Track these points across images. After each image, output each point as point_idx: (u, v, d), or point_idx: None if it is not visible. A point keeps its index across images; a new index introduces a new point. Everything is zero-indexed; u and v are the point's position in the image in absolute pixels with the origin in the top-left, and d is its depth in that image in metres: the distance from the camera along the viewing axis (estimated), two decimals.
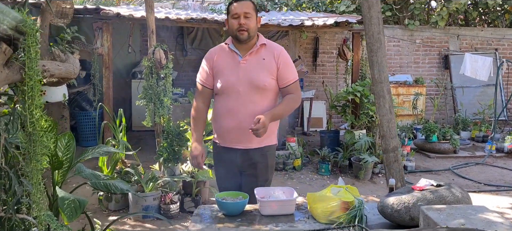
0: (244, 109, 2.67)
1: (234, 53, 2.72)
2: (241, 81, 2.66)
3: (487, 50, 10.12)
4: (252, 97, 2.67)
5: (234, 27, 2.65)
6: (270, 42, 2.80)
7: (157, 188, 4.48)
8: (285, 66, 2.73)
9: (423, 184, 2.40)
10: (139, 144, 7.89)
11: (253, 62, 2.69)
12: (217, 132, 2.85)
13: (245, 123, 2.64)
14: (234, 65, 2.70)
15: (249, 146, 2.74)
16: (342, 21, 6.63)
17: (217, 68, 2.74)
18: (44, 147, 1.88)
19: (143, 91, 4.76)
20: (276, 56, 2.71)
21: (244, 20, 2.62)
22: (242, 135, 2.69)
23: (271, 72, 2.70)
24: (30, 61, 1.73)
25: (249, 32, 2.64)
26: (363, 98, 6.56)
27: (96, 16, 6.25)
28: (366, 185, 5.79)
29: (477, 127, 8.86)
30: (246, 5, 2.66)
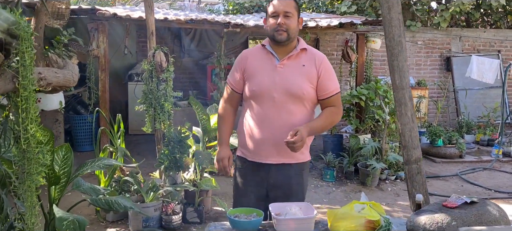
0: (279, 118, 2.40)
1: (270, 55, 2.46)
2: (277, 87, 2.39)
3: (490, 51, 9.97)
4: (288, 106, 2.39)
5: (272, 26, 2.39)
6: (311, 48, 2.53)
7: (158, 198, 4.26)
8: (327, 75, 2.46)
9: (455, 200, 2.20)
10: (137, 149, 7.68)
11: (292, 67, 2.42)
12: (245, 145, 2.53)
13: (279, 134, 2.37)
14: (270, 69, 2.43)
15: (284, 161, 2.45)
16: (347, 22, 6.43)
17: (250, 71, 2.48)
18: (40, 165, 1.66)
19: (142, 96, 4.54)
20: (318, 64, 2.44)
21: (283, 20, 2.36)
22: (275, 148, 2.42)
23: (310, 80, 2.42)
24: (24, 69, 1.51)
25: (288, 33, 2.37)
26: (368, 101, 6.37)
27: (92, 17, 6.01)
28: (373, 192, 5.59)
29: (481, 130, 8.70)
30: (288, 3, 2.39)
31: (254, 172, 2.49)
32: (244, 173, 2.55)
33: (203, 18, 6.31)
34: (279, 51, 2.44)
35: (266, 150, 2.44)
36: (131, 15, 6.08)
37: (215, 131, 4.53)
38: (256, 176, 2.49)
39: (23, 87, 1.51)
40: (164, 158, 4.42)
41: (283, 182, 2.47)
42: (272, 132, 2.40)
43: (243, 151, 2.55)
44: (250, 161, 2.51)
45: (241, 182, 2.58)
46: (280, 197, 2.41)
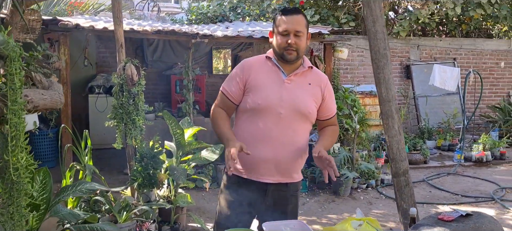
0: (283, 136, 2.29)
1: (277, 69, 2.34)
2: (284, 103, 2.29)
3: (446, 59, 10.34)
4: (293, 124, 2.31)
5: (281, 45, 2.28)
6: (315, 68, 2.46)
7: (132, 218, 4.07)
8: (331, 97, 2.44)
9: (450, 213, 2.20)
10: (100, 164, 7.37)
11: (299, 84, 2.34)
12: (242, 162, 2.34)
13: (282, 152, 2.29)
14: (277, 83, 2.32)
15: (282, 180, 2.36)
16: (315, 33, 6.47)
17: (255, 82, 2.33)
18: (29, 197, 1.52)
19: (112, 111, 4.35)
20: (323, 86, 2.40)
21: (294, 39, 2.25)
22: (276, 167, 2.32)
23: (316, 100, 2.37)
24: (14, 93, 1.37)
25: (298, 53, 2.29)
26: (337, 111, 6.41)
27: (54, 28, 5.74)
28: (347, 202, 5.62)
29: (442, 135, 8.98)
30: (299, 22, 2.27)
31: (249, 191, 2.36)
32: (237, 192, 2.39)
33: (171, 29, 6.16)
34: (286, 67, 2.35)
35: (266, 167, 2.33)
36: (95, 25, 5.85)
37: (190, 145, 4.40)
38: (251, 195, 2.36)
39: (12, 112, 1.36)
40: (137, 175, 4.24)
41: (281, 203, 2.38)
42: (275, 150, 2.29)
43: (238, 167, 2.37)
44: (244, 178, 2.37)
45: (232, 200, 2.41)
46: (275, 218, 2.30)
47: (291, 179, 2.39)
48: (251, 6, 9.94)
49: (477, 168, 7.35)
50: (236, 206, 2.40)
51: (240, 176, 2.38)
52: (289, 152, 2.30)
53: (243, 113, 2.38)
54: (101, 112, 8.34)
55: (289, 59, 2.29)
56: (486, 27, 11.46)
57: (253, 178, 2.35)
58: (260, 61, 2.39)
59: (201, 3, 10.30)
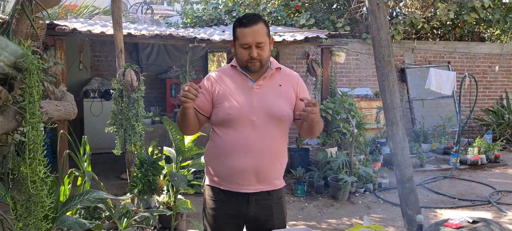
0: (260, 144, 2.21)
1: (244, 77, 2.27)
2: (256, 110, 2.22)
3: (440, 63, 10.42)
4: (269, 130, 2.23)
5: (243, 58, 2.21)
6: (284, 67, 2.39)
7: (132, 225, 4.05)
8: (305, 93, 2.35)
9: (457, 221, 2.22)
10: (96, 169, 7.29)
11: (268, 87, 2.27)
12: (221, 174, 2.30)
13: (260, 160, 2.22)
14: (245, 90, 2.25)
15: (263, 188, 2.27)
16: (312, 37, 6.48)
17: (223, 92, 2.26)
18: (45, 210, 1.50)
19: (112, 117, 4.32)
20: (295, 84, 2.32)
21: (256, 51, 2.17)
22: (255, 176, 2.23)
23: (289, 101, 2.29)
24: (32, 106, 1.35)
25: (261, 62, 2.22)
26: (335, 115, 6.44)
27: (50, 32, 5.68)
28: (345, 206, 5.63)
29: (437, 139, 9.04)
30: (259, 33, 2.17)
31: (230, 202, 2.29)
32: (218, 204, 2.33)
33: (169, 33, 6.14)
34: (253, 74, 2.27)
35: (246, 178, 2.24)
36: (92, 30, 5.82)
37: (190, 151, 4.39)
38: (233, 207, 2.29)
39: (31, 125, 1.35)
40: (137, 181, 4.22)
41: (265, 214, 2.30)
42: (253, 159, 2.21)
43: (216, 180, 2.33)
44: (224, 190, 2.30)
45: (215, 214, 2.34)
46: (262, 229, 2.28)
47: (273, 186, 2.32)
48: (246, 10, 9.94)
49: (473, 171, 7.41)
50: (220, 220, 2.34)
51: (219, 188, 2.31)
52: (268, 159, 2.24)
53: (216, 126, 2.32)
54: (96, 116, 8.30)
55: (253, 70, 2.24)
56: (479, 31, 11.58)
57: (232, 189, 2.27)
58: (226, 71, 2.34)
59: (196, 6, 10.29)
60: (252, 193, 2.27)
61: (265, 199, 2.31)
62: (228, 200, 2.30)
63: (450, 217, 2.29)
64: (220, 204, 2.33)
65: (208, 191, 2.39)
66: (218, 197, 2.34)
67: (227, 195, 2.29)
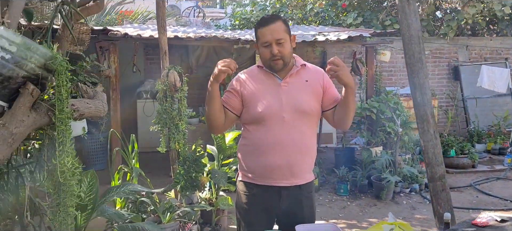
0: (291, 139, 2.30)
1: (271, 75, 2.35)
2: (285, 107, 2.29)
3: (497, 59, 9.95)
4: (298, 125, 2.31)
5: (266, 57, 2.29)
6: (308, 63, 2.46)
7: (175, 219, 4.24)
8: (331, 86, 2.41)
9: (485, 219, 2.19)
10: (147, 167, 7.65)
11: (296, 84, 2.34)
12: (254, 170, 2.39)
13: (293, 155, 2.31)
14: (273, 88, 2.33)
15: (295, 182, 2.37)
16: (356, 36, 6.44)
17: (252, 92, 2.34)
18: (75, 197, 1.66)
19: (157, 116, 4.54)
20: (321, 78, 2.39)
21: (277, 48, 2.25)
22: (289, 170, 2.33)
23: (316, 96, 2.36)
24: (61, 103, 1.51)
25: (284, 60, 2.28)
26: (380, 114, 6.36)
27: (104, 37, 6.06)
28: (389, 206, 5.56)
29: (492, 138, 8.66)
30: (277, 30, 2.26)
31: (263, 197, 2.39)
32: (251, 199, 2.43)
33: (213, 35, 6.33)
34: (279, 72, 2.35)
35: (279, 173, 2.33)
36: (142, 34, 6.12)
37: (231, 149, 4.53)
38: (265, 202, 2.39)
39: (59, 121, 1.51)
40: (180, 177, 4.41)
41: (295, 206, 2.39)
42: (285, 155, 2.30)
43: (250, 176, 2.42)
44: (258, 184, 2.39)
45: (248, 208, 2.45)
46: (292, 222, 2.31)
47: (303, 180, 2.40)
48: (293, 10, 10.00)
49: None
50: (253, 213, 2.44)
51: (253, 183, 2.40)
52: (299, 154, 2.32)
53: (248, 124, 2.40)
54: (149, 116, 8.66)
55: (277, 69, 2.31)
56: None
57: (266, 183, 2.36)
58: (254, 71, 2.42)
59: (245, 8, 10.46)
60: (284, 187, 2.37)
61: (296, 192, 2.40)
62: (261, 195, 2.40)
63: (479, 215, 2.25)
64: (253, 198, 2.43)
65: (242, 186, 2.49)
66: (251, 191, 2.43)
67: (260, 190, 2.39)
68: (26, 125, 1.49)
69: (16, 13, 1.72)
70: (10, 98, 1.50)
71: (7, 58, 1.39)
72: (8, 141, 1.44)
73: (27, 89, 1.48)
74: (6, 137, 1.44)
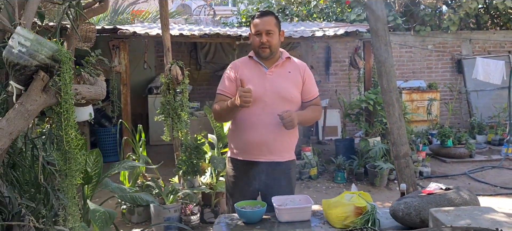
0: (270, 120, 2.66)
1: (259, 65, 2.74)
2: (268, 92, 2.67)
3: (500, 53, 10.12)
4: (278, 109, 2.64)
5: (256, 44, 2.68)
6: (293, 57, 2.85)
7: (178, 200, 4.64)
8: (310, 81, 2.80)
9: (432, 188, 2.51)
10: (158, 158, 8.08)
11: (280, 74, 2.72)
12: (238, 146, 2.80)
13: (271, 134, 2.68)
14: (260, 76, 2.71)
15: (273, 159, 2.74)
16: (352, 31, 6.75)
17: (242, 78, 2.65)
18: (78, 164, 2.05)
19: (160, 107, 4.92)
20: (302, 71, 2.78)
21: (266, 38, 2.63)
22: (267, 147, 2.71)
23: (297, 85, 2.74)
24: (65, 86, 1.90)
25: (271, 49, 2.66)
26: (377, 106, 6.65)
27: (114, 35, 6.48)
28: (382, 192, 5.86)
29: (493, 130, 8.86)
30: (268, 22, 2.66)
31: (246, 170, 2.74)
32: (237, 173, 2.81)
33: (216, 32, 6.71)
34: (266, 62, 2.73)
35: (258, 149, 2.70)
36: (149, 32, 6.52)
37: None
38: (249, 174, 2.73)
39: (64, 101, 1.90)
40: (182, 163, 4.80)
41: (274, 179, 2.76)
42: (264, 133, 2.68)
43: (235, 152, 2.80)
44: (241, 160, 2.76)
45: (234, 181, 2.83)
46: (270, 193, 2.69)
47: (281, 158, 2.77)
48: (298, 7, 10.31)
49: None
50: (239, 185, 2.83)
51: (238, 158, 2.79)
52: (276, 134, 2.68)
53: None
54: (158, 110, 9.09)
55: (264, 56, 2.68)
56: None
57: (248, 158, 2.74)
58: (245, 61, 2.80)
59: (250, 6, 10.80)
60: (263, 162, 2.75)
61: (274, 168, 2.77)
62: (245, 169, 2.78)
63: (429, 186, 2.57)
64: (238, 172, 2.83)
65: (229, 162, 2.90)
66: (236, 166, 2.83)
67: (243, 164, 2.78)
68: (39, 104, 1.88)
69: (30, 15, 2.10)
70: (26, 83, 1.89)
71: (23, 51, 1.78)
72: (25, 116, 1.84)
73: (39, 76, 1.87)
74: (23, 112, 1.83)
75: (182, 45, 10.02)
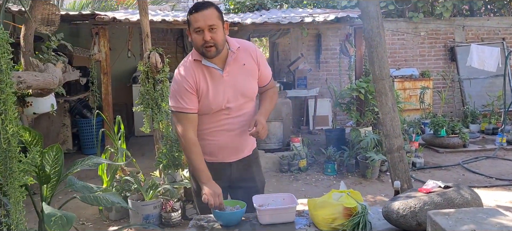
0: (236, 124, 2.47)
1: (212, 69, 2.35)
2: (229, 98, 2.39)
3: (494, 40, 9.90)
4: (242, 109, 2.46)
5: (198, 43, 2.27)
6: (242, 41, 2.48)
7: (158, 196, 4.37)
8: (264, 64, 2.52)
9: (430, 186, 2.26)
10: (142, 150, 7.82)
11: (236, 72, 2.39)
12: (205, 150, 2.47)
13: (239, 137, 2.48)
14: (218, 82, 2.37)
15: (243, 156, 2.57)
16: (343, 17, 6.47)
17: (201, 89, 2.36)
18: (24, 163, 1.77)
19: (140, 97, 4.64)
20: (254, 55, 2.45)
21: (209, 35, 2.23)
22: (236, 149, 2.52)
23: (254, 76, 2.48)
24: (1, 73, 1.60)
25: (216, 47, 2.27)
26: (368, 94, 6.40)
27: (92, 22, 6.15)
28: (373, 184, 5.64)
29: (487, 119, 8.67)
30: (210, 16, 2.23)
31: (216, 171, 2.48)
32: None
33: None
34: (217, 62, 2.35)
35: (228, 152, 2.52)
36: (130, 18, 6.20)
37: None
38: (218, 174, 2.48)
39: (0, 90, 1.61)
40: (162, 156, 4.52)
41: (246, 172, 2.59)
42: (232, 138, 2.47)
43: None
44: (209, 162, 2.47)
45: None
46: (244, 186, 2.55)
47: (249, 151, 2.60)
48: None
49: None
50: None
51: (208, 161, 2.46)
52: (244, 133, 2.45)
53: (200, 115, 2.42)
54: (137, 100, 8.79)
55: (210, 56, 2.29)
56: None
57: (217, 161, 2.52)
58: (195, 66, 2.36)
59: None
60: (233, 162, 2.56)
61: (244, 162, 2.59)
62: (214, 170, 2.47)
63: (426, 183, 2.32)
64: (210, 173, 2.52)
65: None
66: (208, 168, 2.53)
67: (215, 166, 2.51)
68: None
69: None
70: None
71: None
72: None
73: None
74: None
75: (168, 33, 9.70)
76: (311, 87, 8.99)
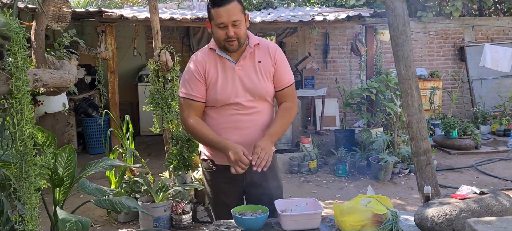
0: (248, 121, 2.33)
1: (225, 60, 2.29)
2: (241, 93, 2.30)
3: (504, 40, 9.76)
4: (255, 106, 2.34)
5: (221, 38, 2.21)
6: (263, 40, 2.39)
7: (168, 198, 4.26)
8: (282, 64, 2.37)
9: (464, 191, 2.14)
10: (148, 149, 7.71)
11: (249, 67, 2.31)
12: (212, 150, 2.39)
13: (251, 135, 2.32)
14: (229, 74, 2.29)
15: None
16: (354, 15, 6.36)
17: (211, 76, 2.30)
18: (39, 166, 1.65)
19: (149, 96, 4.53)
20: (272, 54, 2.34)
21: (233, 30, 2.17)
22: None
23: (269, 75, 2.35)
24: (18, 70, 1.50)
25: (239, 41, 2.21)
26: (379, 95, 6.29)
27: (99, 19, 6.04)
28: (387, 186, 5.52)
29: (497, 120, 8.53)
30: (233, 11, 2.16)
31: (224, 172, 2.33)
32: (214, 175, 2.44)
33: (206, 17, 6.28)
34: (232, 55, 2.28)
35: None
36: (138, 16, 6.09)
37: None
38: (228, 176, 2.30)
39: (17, 88, 1.50)
40: (172, 157, 4.42)
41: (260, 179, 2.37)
42: (243, 136, 2.31)
43: (212, 154, 2.41)
44: (220, 164, 2.37)
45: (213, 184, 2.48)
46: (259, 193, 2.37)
47: None
48: None
49: None
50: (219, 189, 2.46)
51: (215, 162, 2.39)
52: (256, 133, 2.32)
53: (209, 109, 2.36)
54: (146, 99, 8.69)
55: (232, 50, 2.24)
56: None
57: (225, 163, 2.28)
58: (208, 55, 2.32)
59: None
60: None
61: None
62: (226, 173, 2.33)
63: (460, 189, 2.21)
64: (216, 174, 2.44)
65: (203, 164, 2.50)
66: (216, 171, 2.43)
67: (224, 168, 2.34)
68: None
69: None
70: None
71: None
72: None
73: None
74: None
75: (174, 31, 9.59)
76: (319, 87, 8.86)
